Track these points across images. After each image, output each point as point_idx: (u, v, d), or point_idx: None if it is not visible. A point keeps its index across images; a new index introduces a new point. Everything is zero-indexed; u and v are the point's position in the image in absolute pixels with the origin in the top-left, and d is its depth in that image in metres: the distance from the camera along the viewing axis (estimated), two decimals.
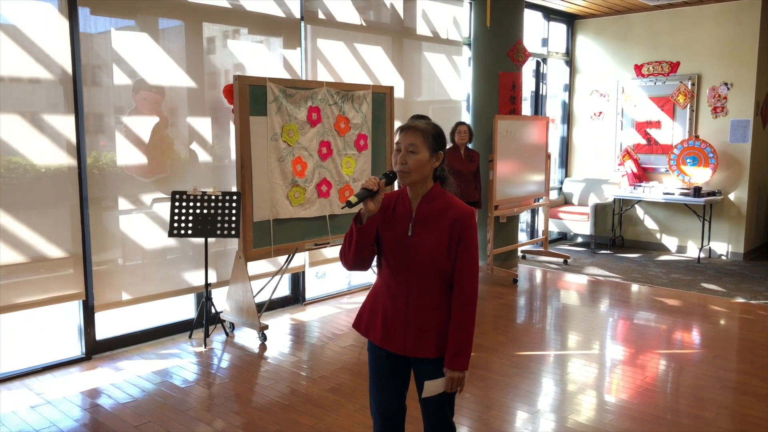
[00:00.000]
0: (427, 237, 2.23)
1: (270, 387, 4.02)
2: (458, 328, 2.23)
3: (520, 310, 5.95)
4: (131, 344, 4.71)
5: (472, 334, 2.26)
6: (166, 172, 4.78)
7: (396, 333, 2.29)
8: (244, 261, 4.82)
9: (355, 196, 2.14)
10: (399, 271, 2.27)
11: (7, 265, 4.01)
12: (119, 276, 4.60)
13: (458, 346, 2.23)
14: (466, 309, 2.23)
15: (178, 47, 4.81)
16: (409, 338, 2.27)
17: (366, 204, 2.15)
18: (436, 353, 2.26)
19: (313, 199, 5.28)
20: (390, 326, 2.30)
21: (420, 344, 2.26)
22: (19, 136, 4.02)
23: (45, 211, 4.17)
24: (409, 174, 2.22)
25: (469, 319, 2.23)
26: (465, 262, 2.23)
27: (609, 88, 8.77)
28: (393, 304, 2.29)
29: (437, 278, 2.24)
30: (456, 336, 2.23)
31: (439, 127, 2.30)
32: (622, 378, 4.25)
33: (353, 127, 5.53)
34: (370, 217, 2.18)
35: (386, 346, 2.30)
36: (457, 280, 2.24)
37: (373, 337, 2.35)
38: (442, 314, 2.27)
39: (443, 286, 2.26)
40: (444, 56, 7.04)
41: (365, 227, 2.18)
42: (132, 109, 4.59)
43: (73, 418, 3.56)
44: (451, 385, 2.25)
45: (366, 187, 2.15)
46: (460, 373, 2.24)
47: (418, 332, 2.26)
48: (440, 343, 2.26)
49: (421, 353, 2.27)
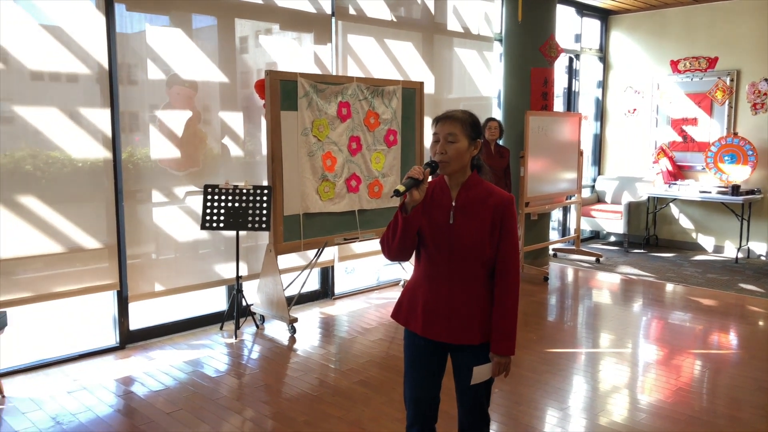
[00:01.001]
0: (468, 224, 2.24)
1: (299, 378, 4.05)
2: (503, 313, 2.25)
3: (551, 308, 5.89)
4: (164, 335, 4.79)
5: (516, 319, 2.28)
6: (198, 165, 4.86)
7: (438, 321, 2.29)
8: (275, 254, 4.87)
9: (402, 185, 2.14)
10: (440, 259, 2.28)
11: (45, 255, 4.11)
12: (152, 267, 4.69)
13: (504, 331, 2.25)
14: (510, 293, 2.26)
15: (211, 43, 4.88)
16: (452, 326, 2.28)
17: (411, 193, 2.16)
18: (480, 339, 2.28)
19: (342, 193, 5.30)
20: (431, 314, 2.30)
21: (463, 331, 2.27)
22: (57, 130, 4.13)
23: (82, 204, 4.27)
24: (449, 163, 2.24)
25: (513, 303, 2.27)
26: (507, 247, 2.25)
27: (644, 85, 8.62)
28: (434, 292, 2.30)
29: (479, 265, 2.26)
30: (501, 321, 2.25)
31: (475, 116, 2.31)
32: (655, 377, 4.17)
33: (383, 122, 5.54)
34: (415, 206, 2.19)
35: (428, 335, 2.31)
36: (500, 266, 2.26)
37: (413, 326, 2.36)
38: (484, 300, 2.28)
39: (485, 273, 2.28)
40: (475, 52, 7.01)
41: (411, 216, 2.19)
42: (165, 103, 4.67)
43: (107, 404, 3.64)
44: (498, 369, 2.27)
45: (412, 176, 2.15)
46: (507, 358, 2.27)
47: (462, 319, 2.27)
48: (484, 329, 2.28)
49: (465, 340, 2.28)
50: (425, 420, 2.42)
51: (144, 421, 3.44)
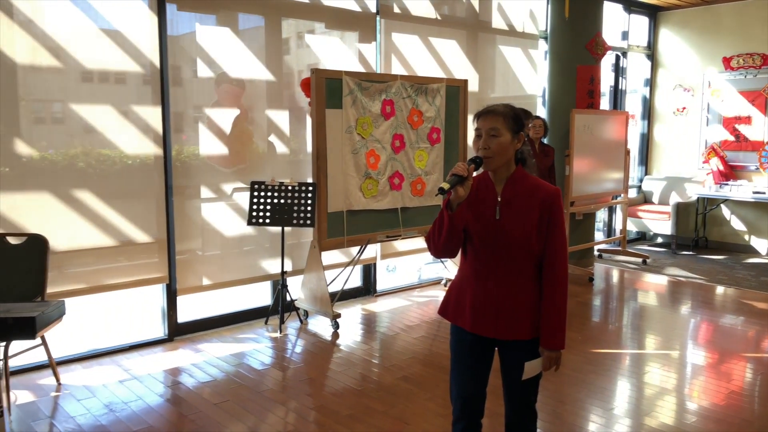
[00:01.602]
0: (515, 219, 2.23)
1: (342, 373, 4.09)
2: (552, 307, 2.24)
3: (596, 309, 5.79)
4: (210, 328, 4.89)
5: (565, 313, 2.27)
6: (245, 162, 4.95)
7: (487, 317, 2.29)
8: (319, 250, 4.92)
9: (446, 182, 2.14)
10: (487, 255, 2.27)
11: (99, 248, 4.25)
12: (200, 261, 4.79)
13: (554, 325, 2.24)
14: (559, 287, 2.25)
15: (258, 42, 4.97)
16: (501, 321, 2.27)
17: (456, 190, 2.15)
18: (529, 335, 2.27)
19: (385, 191, 5.32)
20: (480, 310, 2.30)
21: (513, 326, 2.27)
22: (111, 128, 4.25)
23: (133, 199, 4.40)
24: (493, 158, 2.22)
25: (562, 297, 2.25)
26: (555, 241, 2.24)
27: (694, 83, 8.41)
28: (482, 288, 2.30)
29: (526, 259, 2.25)
30: (551, 315, 2.24)
31: (517, 109, 2.29)
32: (705, 381, 4.06)
33: (426, 120, 5.54)
34: (460, 203, 2.18)
35: (477, 330, 2.31)
36: (548, 260, 2.25)
37: (462, 322, 2.36)
38: (532, 295, 2.27)
39: (532, 268, 2.27)
40: (519, 50, 6.94)
41: (456, 214, 2.19)
42: (214, 101, 4.77)
43: (157, 394, 3.74)
44: (548, 364, 2.27)
45: (456, 173, 2.14)
46: (557, 353, 2.26)
47: (511, 315, 2.27)
48: (533, 324, 2.27)
49: (515, 335, 2.28)
50: (471, 416, 2.41)
51: (192, 411, 3.52)
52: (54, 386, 3.82)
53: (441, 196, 2.14)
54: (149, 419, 3.42)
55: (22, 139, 3.92)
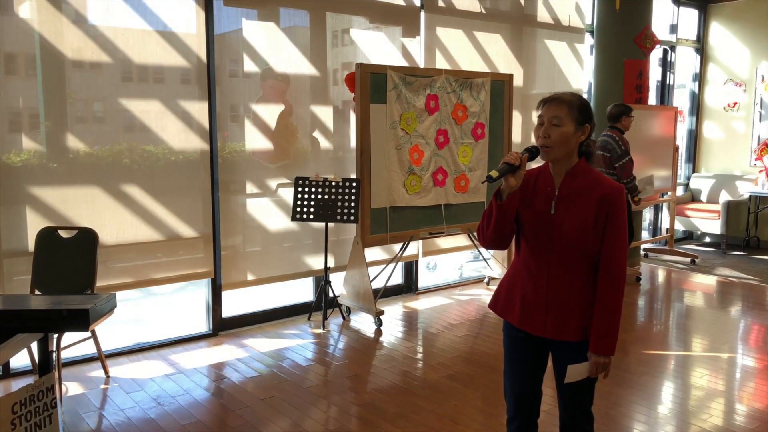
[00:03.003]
0: (571, 215, 2.13)
1: (387, 370, 4.04)
2: (604, 311, 2.13)
3: (644, 309, 5.63)
4: (254, 323, 4.90)
5: (619, 318, 2.15)
6: (290, 158, 4.94)
7: (536, 314, 2.21)
8: (362, 246, 4.88)
9: (496, 170, 2.06)
10: (540, 250, 2.19)
11: (146, 242, 4.28)
12: (244, 257, 4.80)
13: (604, 329, 2.12)
14: (613, 290, 2.12)
15: (303, 37, 4.95)
16: (550, 320, 2.19)
17: (507, 179, 2.08)
18: (578, 336, 2.17)
19: (428, 187, 5.25)
20: (529, 307, 2.23)
21: (561, 326, 2.18)
22: (159, 124, 4.28)
23: (180, 194, 4.42)
24: (552, 149, 2.13)
25: (616, 301, 2.12)
26: (614, 241, 2.11)
27: (746, 77, 8.12)
28: (533, 284, 2.22)
29: (581, 258, 2.15)
30: (602, 319, 2.13)
31: (585, 99, 2.20)
32: (755, 385, 3.90)
33: (471, 115, 5.46)
34: (511, 193, 2.10)
35: (525, 327, 2.23)
36: (605, 261, 2.13)
37: (510, 317, 2.29)
38: (585, 296, 2.17)
39: (587, 267, 2.16)
40: (565, 44, 6.80)
41: (505, 204, 2.11)
42: (259, 97, 4.77)
43: (203, 388, 3.75)
44: (595, 369, 2.15)
45: (507, 162, 2.07)
46: (606, 358, 2.14)
47: (560, 314, 2.18)
48: (583, 326, 2.17)
49: (563, 336, 2.19)
50: (526, 414, 2.35)
51: (239, 405, 3.52)
52: (103, 379, 3.86)
53: (491, 184, 2.06)
54: (196, 413, 3.43)
55: (72, 134, 3.97)
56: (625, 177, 5.54)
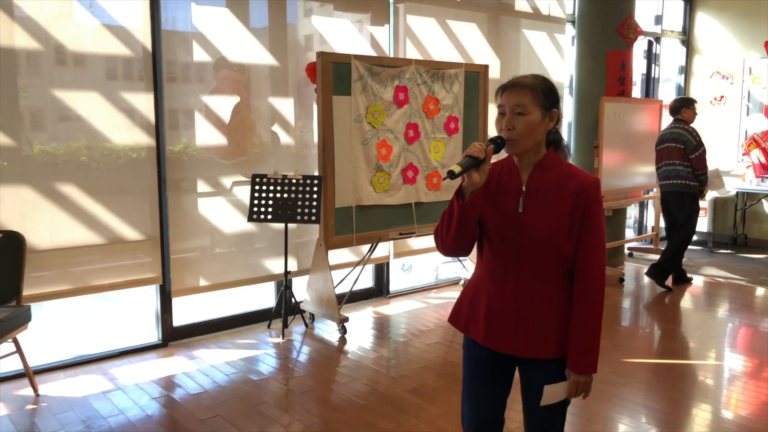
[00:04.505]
0: (542, 213, 1.85)
1: (347, 384, 3.72)
2: (584, 323, 1.86)
3: (627, 313, 5.34)
4: (209, 332, 4.56)
5: (599, 330, 1.88)
6: (246, 154, 4.60)
7: (504, 329, 1.91)
8: (325, 249, 4.55)
9: (458, 165, 1.76)
10: (507, 255, 1.89)
11: (85, 246, 3.93)
12: (197, 261, 4.46)
13: (584, 344, 1.86)
14: (592, 299, 1.86)
15: (261, 24, 4.60)
16: (521, 335, 1.89)
17: (470, 175, 1.78)
18: (553, 353, 1.89)
19: (398, 185, 4.93)
20: (496, 321, 1.92)
21: (534, 342, 1.89)
22: (98, 117, 3.93)
23: (123, 194, 4.07)
24: (518, 141, 1.85)
25: (596, 311, 1.86)
26: (591, 242, 1.84)
27: (733, 70, 7.85)
28: (500, 295, 1.91)
29: (554, 263, 1.86)
30: (581, 332, 1.86)
31: (549, 80, 1.90)
32: (743, 392, 3.61)
33: (443, 108, 5.13)
34: (474, 191, 1.80)
35: (491, 345, 1.93)
36: (581, 264, 1.85)
37: (474, 333, 1.98)
38: (560, 307, 1.89)
39: (561, 273, 1.88)
40: (545, 34, 6.49)
41: (469, 203, 1.81)
42: (212, 88, 4.42)
43: (141, 407, 3.41)
44: (575, 390, 1.88)
45: (471, 155, 1.77)
46: (587, 377, 1.87)
47: (532, 328, 1.89)
48: (559, 341, 1.88)
49: (536, 353, 1.89)
50: None
51: (175, 427, 3.18)
52: (31, 398, 3.51)
53: (453, 181, 1.77)
54: None
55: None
56: (700, 168, 5.58)
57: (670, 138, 5.68)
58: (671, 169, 5.67)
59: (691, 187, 5.62)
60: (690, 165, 5.58)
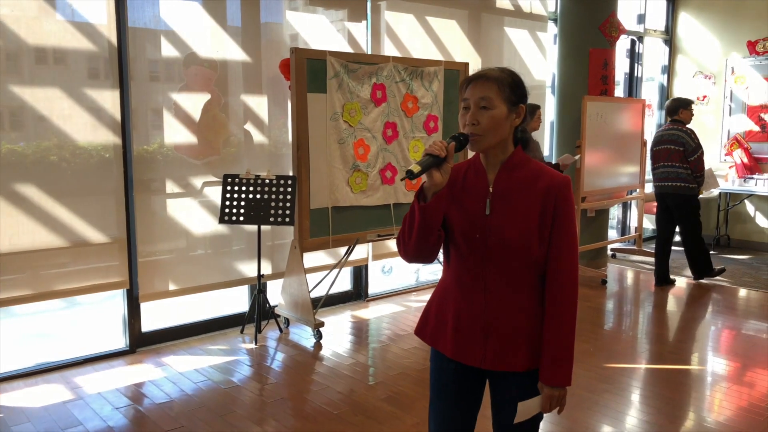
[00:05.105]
0: (511, 215, 1.73)
1: (319, 393, 3.58)
2: (556, 332, 1.74)
3: (609, 316, 5.25)
4: (179, 338, 4.40)
5: (573, 338, 1.75)
6: (218, 153, 4.45)
7: (472, 341, 1.79)
8: (300, 251, 4.42)
9: (417, 164, 1.65)
10: (474, 261, 1.77)
11: (48, 249, 3.77)
12: (166, 264, 4.30)
13: (557, 353, 1.74)
14: (565, 305, 1.74)
15: (234, 19, 4.46)
16: (490, 347, 1.78)
17: (431, 175, 1.66)
18: (525, 366, 1.77)
19: (376, 185, 4.81)
20: (464, 333, 1.80)
21: (505, 355, 1.77)
22: (61, 115, 3.76)
23: (87, 194, 3.91)
24: (482, 137, 1.74)
25: (569, 318, 1.74)
26: (562, 244, 1.73)
27: (716, 69, 7.81)
28: (468, 304, 1.80)
29: (525, 268, 1.75)
30: (554, 342, 1.74)
31: (516, 74, 1.80)
32: (725, 396, 3.53)
33: (422, 107, 5.02)
34: (437, 192, 1.68)
35: (460, 358, 1.82)
36: (552, 268, 1.74)
37: (442, 346, 1.86)
38: (531, 315, 1.77)
39: (532, 280, 1.77)
40: (526, 32, 6.39)
41: (431, 205, 1.68)
42: (182, 85, 4.27)
43: (102, 417, 3.25)
44: (549, 404, 1.76)
45: (431, 153, 1.65)
46: (561, 390, 1.75)
47: (502, 340, 1.77)
48: (531, 352, 1.77)
49: (506, 366, 1.78)
50: None
51: None
52: None
53: (410, 180, 1.65)
54: None
55: None
56: (698, 171, 5.56)
57: (669, 140, 5.63)
58: (671, 171, 5.62)
59: (691, 189, 5.64)
60: (689, 167, 5.53)
